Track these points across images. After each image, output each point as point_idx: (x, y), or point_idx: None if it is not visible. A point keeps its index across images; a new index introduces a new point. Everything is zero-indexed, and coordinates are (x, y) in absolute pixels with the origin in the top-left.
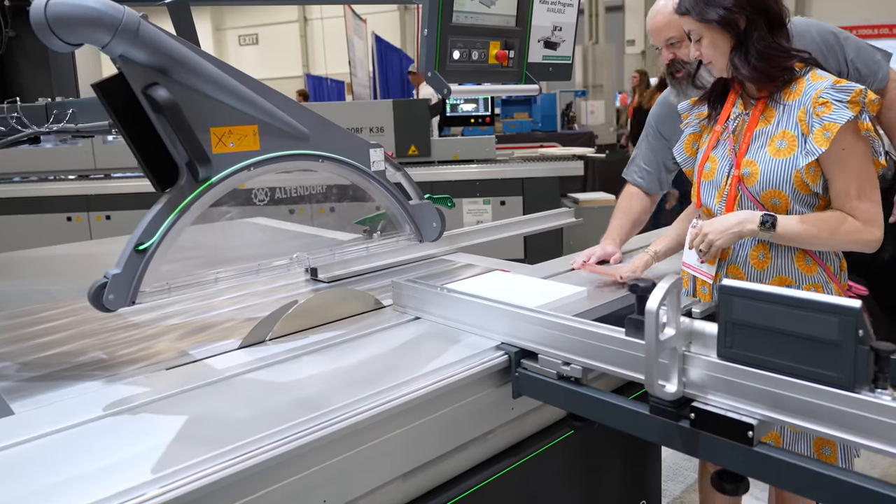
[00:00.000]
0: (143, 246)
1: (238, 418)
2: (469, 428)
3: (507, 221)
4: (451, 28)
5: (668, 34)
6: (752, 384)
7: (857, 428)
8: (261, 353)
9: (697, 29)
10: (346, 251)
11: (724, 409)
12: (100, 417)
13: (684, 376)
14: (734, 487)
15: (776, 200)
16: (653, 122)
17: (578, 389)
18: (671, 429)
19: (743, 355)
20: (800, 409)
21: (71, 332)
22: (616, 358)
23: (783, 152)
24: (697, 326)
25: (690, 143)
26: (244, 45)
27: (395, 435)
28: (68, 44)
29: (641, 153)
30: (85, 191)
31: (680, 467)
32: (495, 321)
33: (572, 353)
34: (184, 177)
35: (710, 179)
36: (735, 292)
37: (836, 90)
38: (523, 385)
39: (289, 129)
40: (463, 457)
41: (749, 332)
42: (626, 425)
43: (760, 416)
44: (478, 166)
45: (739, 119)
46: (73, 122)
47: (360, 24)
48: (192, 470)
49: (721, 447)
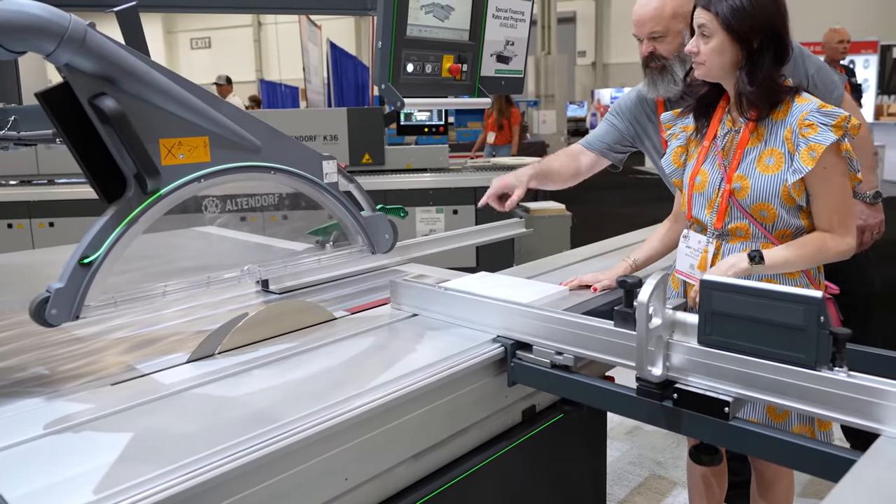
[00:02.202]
0: (89, 259)
1: (186, 434)
2: (469, 414)
3: (458, 232)
4: (405, 41)
5: (654, 27)
6: (727, 366)
7: (818, 401)
8: (210, 367)
9: (713, 28)
10: (298, 262)
11: (703, 389)
12: (40, 436)
13: (668, 361)
14: (710, 458)
15: (764, 212)
16: (620, 108)
17: (571, 377)
18: (657, 408)
19: (720, 341)
20: (769, 387)
21: (10, 346)
22: (607, 347)
23: (771, 168)
24: (680, 317)
25: (678, 155)
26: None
27: (406, 420)
28: (10, 51)
29: (598, 130)
30: (27, 197)
31: (625, 472)
32: (491, 316)
33: (565, 344)
34: (132, 189)
35: (702, 192)
36: (714, 286)
37: (821, 114)
38: (518, 374)
39: (240, 140)
40: (464, 440)
41: (726, 321)
42: (615, 407)
43: (735, 394)
44: (431, 175)
45: (729, 136)
46: (15, 130)
47: (314, 31)
48: (136, 489)
49: (701, 423)
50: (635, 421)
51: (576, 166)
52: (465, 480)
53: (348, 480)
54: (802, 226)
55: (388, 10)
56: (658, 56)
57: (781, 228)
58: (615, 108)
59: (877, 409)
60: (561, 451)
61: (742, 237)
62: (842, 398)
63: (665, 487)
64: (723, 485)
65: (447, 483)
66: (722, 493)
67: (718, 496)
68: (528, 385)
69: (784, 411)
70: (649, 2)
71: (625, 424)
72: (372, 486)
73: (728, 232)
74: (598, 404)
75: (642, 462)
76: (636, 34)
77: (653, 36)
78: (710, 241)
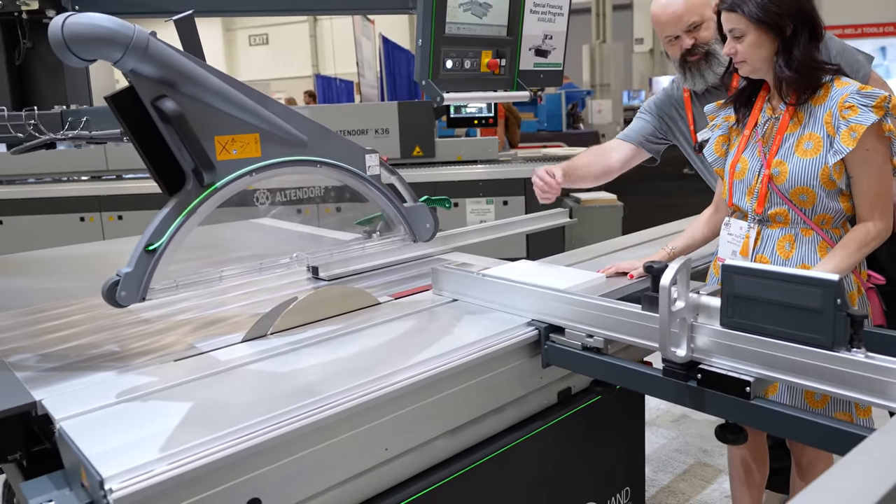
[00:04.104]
0: (153, 246)
1: (239, 404)
2: (505, 393)
3: (500, 222)
4: (445, 39)
5: (691, 19)
6: (749, 347)
7: (837, 380)
8: (262, 346)
9: (743, 27)
10: (343, 251)
11: (726, 370)
12: (112, 404)
13: (692, 343)
14: (735, 437)
15: (804, 196)
16: (650, 105)
17: (602, 358)
18: (682, 388)
19: (742, 323)
20: (789, 367)
21: (87, 326)
22: (634, 330)
23: (810, 152)
24: (703, 300)
25: (720, 145)
26: (254, 46)
27: (443, 396)
28: (83, 59)
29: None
30: (97, 192)
31: (670, 458)
32: (527, 301)
33: (595, 327)
34: (190, 182)
35: (741, 179)
36: (736, 270)
37: (861, 95)
38: (552, 356)
39: (288, 136)
40: (500, 418)
41: (747, 304)
42: (644, 387)
43: (756, 374)
44: (481, 167)
45: (769, 123)
46: (87, 130)
47: (367, 25)
48: (195, 450)
49: (724, 402)
50: (683, 408)
51: (604, 164)
52: (500, 456)
53: (388, 450)
54: (842, 209)
55: (428, 9)
56: (700, 45)
57: (821, 213)
58: (645, 106)
59: (892, 388)
60: (597, 434)
61: (782, 223)
62: (859, 378)
63: (710, 475)
64: (763, 470)
65: (483, 458)
66: (763, 478)
67: (759, 482)
68: (561, 366)
69: (823, 397)
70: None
71: (672, 412)
72: (411, 457)
73: (768, 218)
74: (628, 384)
75: (688, 449)
76: (670, 34)
77: (692, 27)
78: (752, 226)
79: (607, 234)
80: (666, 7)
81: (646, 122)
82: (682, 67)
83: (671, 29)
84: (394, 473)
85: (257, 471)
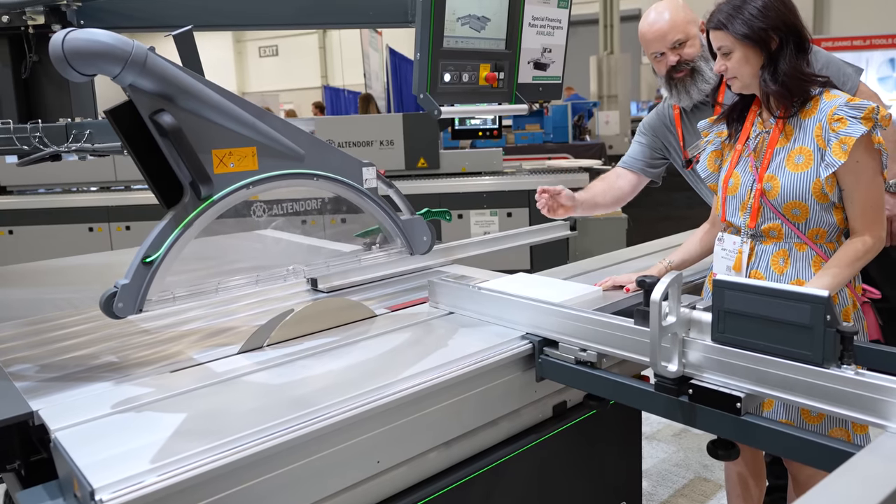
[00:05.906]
0: (150, 258)
1: (234, 415)
2: (499, 406)
3: (500, 235)
4: (443, 52)
5: (675, 37)
6: (740, 363)
7: (826, 397)
8: (258, 358)
9: (730, 44)
10: (339, 263)
11: (717, 385)
12: (108, 414)
13: (684, 358)
14: (727, 454)
15: (796, 211)
16: (644, 126)
17: (595, 372)
18: (673, 403)
19: (733, 339)
20: (780, 383)
21: (88, 337)
22: (626, 344)
23: (801, 166)
24: (695, 315)
25: (713, 160)
26: (264, 57)
27: (435, 409)
28: (83, 74)
29: (630, 150)
30: (106, 202)
31: (670, 473)
32: (521, 314)
33: (588, 341)
34: (188, 195)
35: (734, 194)
36: (726, 285)
37: (850, 107)
38: (545, 369)
39: (285, 149)
40: (495, 431)
41: (738, 319)
42: (636, 402)
43: (747, 390)
44: (485, 178)
45: (760, 138)
46: (90, 142)
47: (375, 37)
48: (188, 461)
49: (715, 417)
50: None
51: (615, 194)
52: (494, 469)
53: (380, 463)
54: (836, 223)
55: (426, 23)
56: (685, 62)
57: (814, 227)
58: (640, 127)
59: (882, 405)
60: (592, 448)
61: (775, 238)
62: (848, 394)
63: (709, 490)
64: (761, 486)
65: (477, 471)
66: (760, 494)
67: (756, 497)
68: (554, 380)
69: (819, 414)
70: (661, 16)
71: (672, 426)
72: (404, 469)
73: (761, 233)
74: (620, 399)
75: (688, 464)
76: (656, 50)
77: (676, 44)
78: (745, 241)
79: (612, 246)
80: (651, 25)
81: (642, 146)
82: (668, 84)
83: (656, 46)
84: (387, 485)
85: (249, 482)
